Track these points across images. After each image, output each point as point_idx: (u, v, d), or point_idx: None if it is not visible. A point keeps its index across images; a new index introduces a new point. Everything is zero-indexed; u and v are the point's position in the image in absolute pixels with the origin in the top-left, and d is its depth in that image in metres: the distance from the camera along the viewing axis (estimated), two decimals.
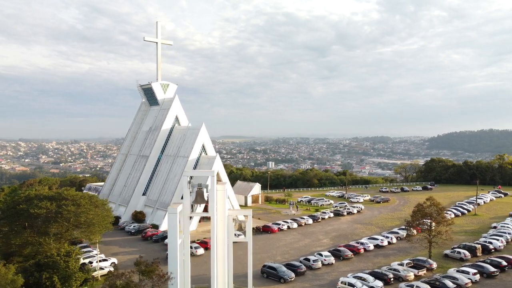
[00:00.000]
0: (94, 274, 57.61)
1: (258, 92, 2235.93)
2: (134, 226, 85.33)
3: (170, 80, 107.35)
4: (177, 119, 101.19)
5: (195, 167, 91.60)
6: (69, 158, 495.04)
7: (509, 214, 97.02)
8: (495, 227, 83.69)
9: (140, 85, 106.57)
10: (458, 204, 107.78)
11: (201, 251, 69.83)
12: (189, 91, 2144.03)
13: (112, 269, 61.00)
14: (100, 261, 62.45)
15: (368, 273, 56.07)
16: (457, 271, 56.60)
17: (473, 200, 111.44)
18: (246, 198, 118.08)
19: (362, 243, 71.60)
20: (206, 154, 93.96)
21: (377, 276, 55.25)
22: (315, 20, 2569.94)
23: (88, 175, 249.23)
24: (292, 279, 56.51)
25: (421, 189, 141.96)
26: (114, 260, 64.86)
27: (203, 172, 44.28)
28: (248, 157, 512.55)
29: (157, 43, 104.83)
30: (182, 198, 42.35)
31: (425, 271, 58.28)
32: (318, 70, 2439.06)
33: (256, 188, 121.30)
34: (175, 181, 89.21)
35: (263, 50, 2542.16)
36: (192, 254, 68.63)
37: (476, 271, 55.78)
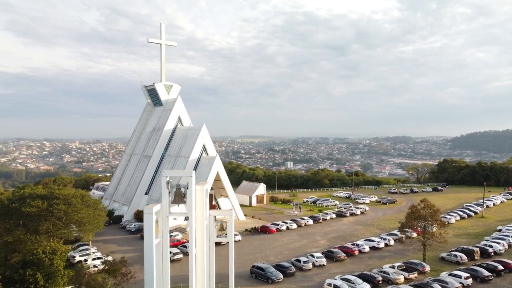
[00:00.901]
0: (87, 271, 59.06)
1: (278, 91, 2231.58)
2: (134, 225, 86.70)
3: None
4: (179, 119, 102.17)
5: (195, 167, 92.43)
6: (92, 157, 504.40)
7: None
8: (500, 230, 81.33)
9: (144, 86, 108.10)
10: (466, 206, 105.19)
11: None
12: (209, 91, 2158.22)
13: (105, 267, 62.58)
14: (95, 259, 64.03)
15: (357, 275, 55.41)
16: (449, 274, 55.33)
17: (482, 202, 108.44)
18: (250, 198, 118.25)
19: (357, 245, 70.70)
20: (207, 154, 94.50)
21: (365, 278, 54.51)
22: (334, 19, 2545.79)
23: (109, 174, 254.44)
24: (280, 280, 56.33)
25: (431, 190, 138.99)
26: (110, 258, 66.16)
27: (182, 172, 44.52)
28: (266, 157, 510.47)
29: (161, 44, 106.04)
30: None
31: (416, 274, 57.18)
32: (338, 69, 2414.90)
33: (261, 188, 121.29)
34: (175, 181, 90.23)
35: (283, 49, 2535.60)
36: (186, 253, 69.43)
37: (468, 275, 54.38)
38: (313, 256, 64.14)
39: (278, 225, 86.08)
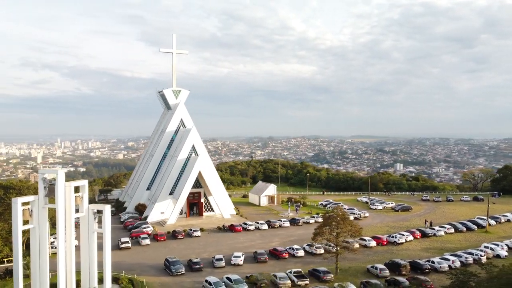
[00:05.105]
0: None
1: (393, 89, 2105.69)
2: (125, 216, 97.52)
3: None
4: (182, 122, 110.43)
5: (184, 166, 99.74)
6: None
7: None
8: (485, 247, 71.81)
9: (158, 91, 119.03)
10: (478, 217, 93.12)
11: (146, 241, 77.65)
12: (320, 90, 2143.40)
13: None
14: None
15: (247, 277, 56.76)
16: (338, 285, 53.20)
17: (505, 215, 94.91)
18: (259, 198, 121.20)
19: (292, 249, 70.25)
20: (197, 154, 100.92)
21: (251, 280, 55.54)
22: (458, 8, 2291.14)
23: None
24: (180, 273, 60.27)
25: (469, 199, 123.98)
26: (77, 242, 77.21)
27: (51, 170, 52.54)
28: (374, 158, 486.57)
29: (172, 53, 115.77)
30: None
31: (307, 282, 55.77)
32: (463, 63, 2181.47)
33: (271, 189, 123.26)
34: (167, 178, 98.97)
35: (398, 44, 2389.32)
36: (139, 244, 77.21)
37: (354, 287, 51.68)
38: (233, 255, 66.49)
39: (246, 224, 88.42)
